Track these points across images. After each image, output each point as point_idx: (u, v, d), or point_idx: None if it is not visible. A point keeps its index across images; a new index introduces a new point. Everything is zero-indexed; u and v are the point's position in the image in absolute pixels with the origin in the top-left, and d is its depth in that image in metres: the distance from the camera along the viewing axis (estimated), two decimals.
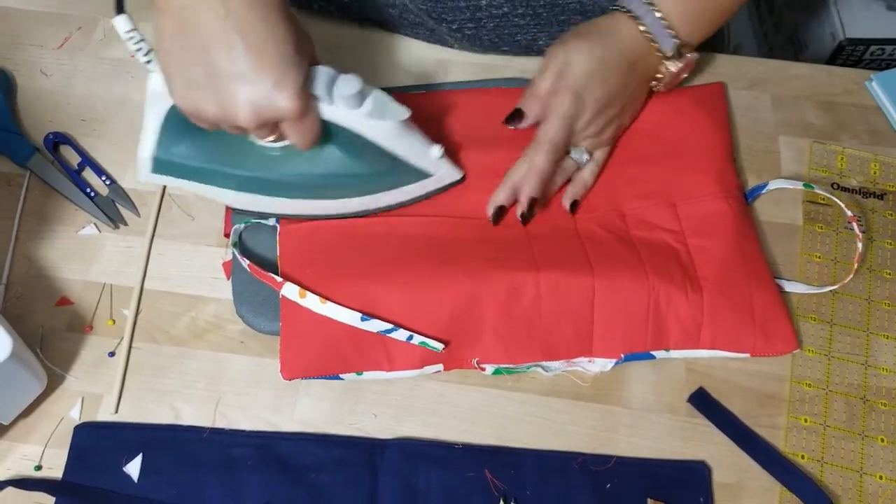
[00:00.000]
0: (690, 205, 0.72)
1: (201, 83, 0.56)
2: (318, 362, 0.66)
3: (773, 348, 0.68)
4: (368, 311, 0.64)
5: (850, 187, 0.76)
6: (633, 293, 0.67)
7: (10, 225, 0.72)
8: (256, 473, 0.64)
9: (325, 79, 0.61)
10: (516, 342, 0.67)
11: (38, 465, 0.64)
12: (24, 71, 0.80)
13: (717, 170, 0.74)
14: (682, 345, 0.68)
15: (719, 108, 0.78)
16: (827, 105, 0.81)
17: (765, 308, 0.68)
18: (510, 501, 0.63)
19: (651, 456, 0.66)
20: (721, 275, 0.69)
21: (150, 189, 0.74)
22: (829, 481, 0.65)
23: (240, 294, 0.68)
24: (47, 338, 0.68)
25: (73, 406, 0.66)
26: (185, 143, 0.66)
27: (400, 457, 0.65)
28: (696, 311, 0.67)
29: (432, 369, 0.67)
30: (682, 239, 0.71)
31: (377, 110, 0.63)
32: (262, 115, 0.57)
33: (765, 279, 0.70)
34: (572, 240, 0.70)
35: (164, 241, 0.72)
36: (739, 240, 0.71)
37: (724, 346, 0.68)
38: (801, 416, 0.67)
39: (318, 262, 0.68)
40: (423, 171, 0.69)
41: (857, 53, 1.27)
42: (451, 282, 0.66)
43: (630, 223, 0.72)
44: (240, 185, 0.68)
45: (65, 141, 0.76)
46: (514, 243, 0.69)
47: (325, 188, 0.68)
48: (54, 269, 0.71)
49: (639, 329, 0.67)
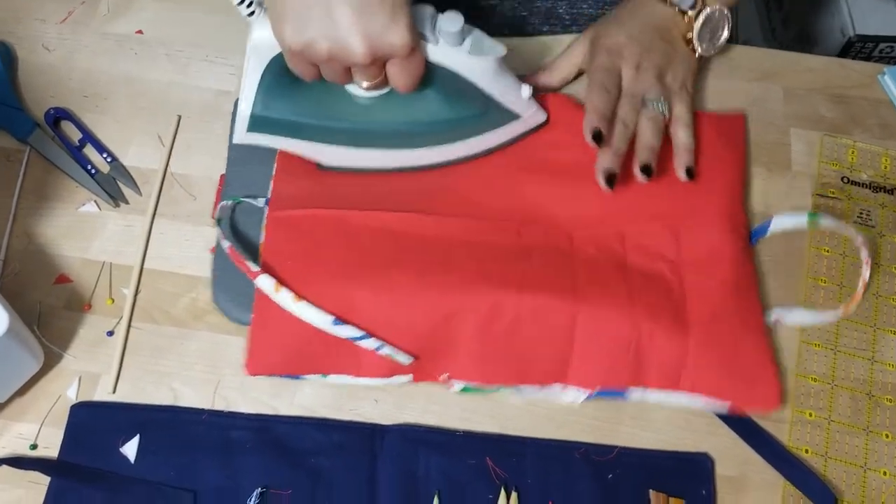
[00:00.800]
0: (694, 234, 0.69)
1: (316, 19, 0.57)
2: (286, 361, 0.64)
3: (755, 403, 0.65)
4: (344, 312, 0.62)
5: (861, 181, 0.76)
6: (616, 326, 0.64)
7: (10, 201, 0.71)
8: (255, 456, 0.63)
9: (428, 16, 0.61)
10: (491, 362, 0.65)
11: (33, 444, 0.63)
12: (25, 45, 0.79)
13: (728, 202, 0.71)
14: (661, 385, 0.65)
15: (739, 141, 0.76)
16: (839, 98, 0.80)
17: (752, 360, 0.65)
18: (511, 490, 0.63)
19: (654, 447, 0.65)
20: (712, 318, 0.66)
21: (152, 167, 0.73)
22: (833, 476, 0.65)
23: (220, 280, 0.67)
24: (45, 315, 0.67)
25: (70, 385, 0.65)
26: (283, 98, 0.66)
27: (400, 442, 0.64)
28: (680, 353, 0.64)
29: (400, 380, 0.65)
30: (678, 271, 0.68)
31: (476, 47, 0.63)
32: (377, 48, 0.58)
33: (757, 329, 0.67)
34: (564, 260, 0.67)
35: (165, 220, 0.71)
36: (737, 282, 0.68)
37: (704, 391, 0.65)
38: (806, 411, 0.67)
39: (300, 254, 0.66)
40: (513, 112, 0.68)
41: (866, 50, 1.26)
42: (433, 293, 0.64)
43: (629, 247, 0.69)
44: (337, 139, 0.68)
45: (66, 116, 0.75)
46: (505, 254, 0.67)
47: (422, 135, 0.68)
48: (53, 247, 0.70)
49: (617, 363, 0.64)
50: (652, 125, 0.70)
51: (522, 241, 0.68)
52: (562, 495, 0.63)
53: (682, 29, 0.75)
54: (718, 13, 0.75)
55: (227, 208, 0.69)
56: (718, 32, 0.76)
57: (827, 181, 0.75)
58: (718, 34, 0.77)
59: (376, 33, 0.57)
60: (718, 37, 0.77)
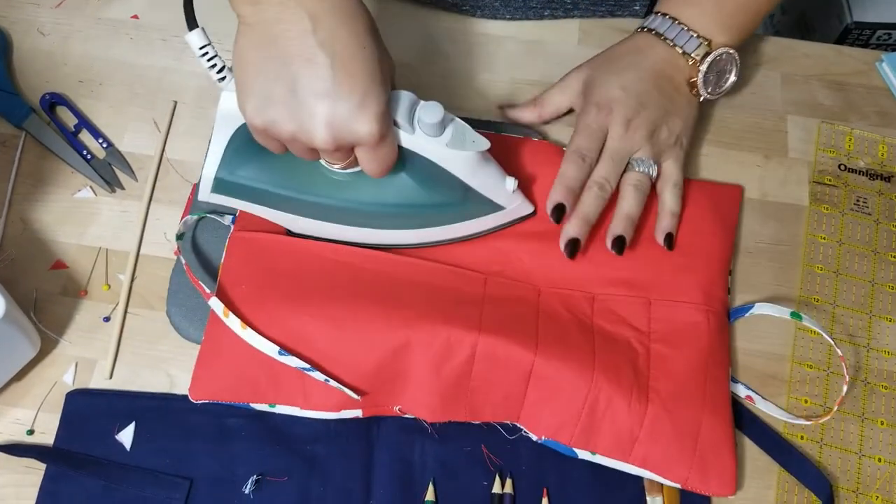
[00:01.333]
0: (667, 307, 0.66)
1: (279, 98, 0.54)
2: (231, 387, 0.62)
3: (708, 487, 0.62)
4: (294, 341, 0.61)
5: (858, 168, 0.75)
6: (572, 383, 0.61)
7: (5, 186, 0.71)
8: (251, 444, 0.63)
9: (406, 104, 0.58)
10: (441, 398, 0.62)
11: (30, 430, 0.63)
12: (20, 29, 0.78)
13: (709, 279, 0.68)
14: (611, 453, 0.62)
15: (731, 213, 0.72)
16: (837, 85, 0.80)
17: (711, 440, 0.62)
18: (506, 476, 0.63)
19: None
20: (674, 391, 0.62)
21: (148, 153, 0.73)
22: (828, 463, 0.65)
23: (174, 294, 0.66)
24: (41, 301, 0.67)
25: (67, 371, 0.65)
26: (250, 165, 0.63)
27: (396, 430, 0.64)
28: (635, 424, 0.61)
29: (350, 414, 0.63)
30: (645, 342, 0.65)
31: (457, 140, 0.60)
32: (341, 138, 0.55)
33: (721, 410, 0.63)
34: (528, 312, 0.65)
35: (161, 206, 0.71)
36: (706, 359, 0.64)
37: (655, 469, 0.62)
38: (802, 397, 0.67)
39: (257, 278, 0.64)
40: (495, 203, 0.65)
41: (863, 37, 1.25)
42: (385, 326, 0.61)
43: (596, 309, 0.66)
44: (304, 211, 0.64)
45: (61, 102, 0.74)
46: (466, 300, 0.64)
47: (393, 217, 0.64)
48: (49, 232, 0.69)
49: (569, 420, 0.62)
50: (634, 192, 0.67)
51: (487, 291, 0.65)
52: (557, 481, 0.63)
53: (686, 74, 0.71)
54: (726, 55, 0.71)
55: (190, 223, 0.68)
56: (726, 76, 0.72)
57: (824, 168, 0.75)
58: (725, 77, 0.72)
59: (341, 120, 0.54)
60: (725, 80, 0.73)
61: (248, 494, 0.61)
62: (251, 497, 0.61)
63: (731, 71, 0.72)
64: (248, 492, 0.61)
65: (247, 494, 0.61)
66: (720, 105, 0.78)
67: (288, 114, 0.54)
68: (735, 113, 0.78)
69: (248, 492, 0.61)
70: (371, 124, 0.54)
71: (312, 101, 0.53)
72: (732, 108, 0.78)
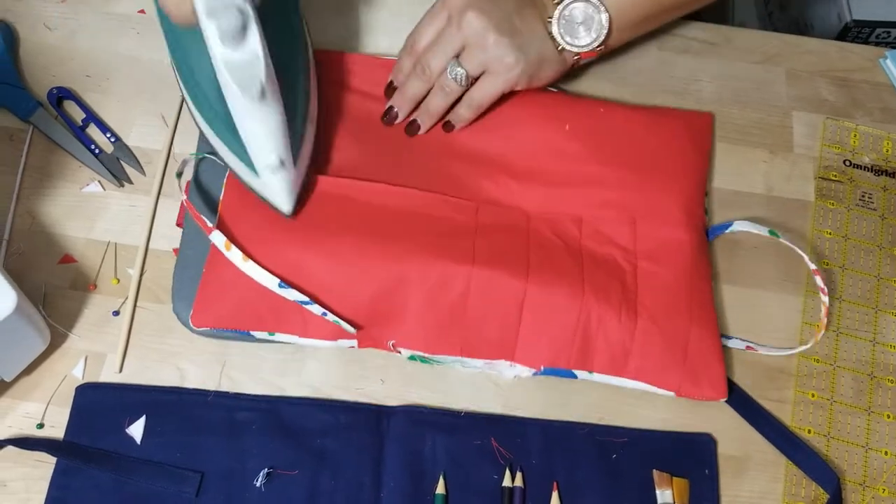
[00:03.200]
0: (651, 226, 0.69)
1: None
2: (233, 315, 0.64)
3: (700, 392, 0.65)
4: (291, 275, 0.63)
5: (863, 164, 0.76)
6: (564, 306, 0.64)
7: (13, 180, 0.70)
8: (261, 438, 0.63)
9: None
10: (437, 332, 0.64)
11: (40, 424, 0.63)
12: (26, 24, 0.78)
13: (687, 198, 0.71)
14: (607, 370, 0.65)
15: (705, 138, 0.75)
16: (841, 82, 0.80)
17: (700, 349, 0.65)
18: (516, 470, 0.63)
19: (657, 428, 0.66)
20: (662, 305, 0.66)
21: (156, 147, 0.73)
22: (835, 456, 0.65)
23: (179, 289, 0.66)
24: (50, 295, 0.67)
25: (77, 365, 0.65)
26: None
27: (406, 423, 0.64)
28: (626, 338, 0.64)
29: (346, 344, 0.65)
30: (632, 259, 0.68)
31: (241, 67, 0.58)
32: None
33: (707, 320, 0.66)
34: (518, 240, 0.67)
35: (170, 200, 0.71)
36: (690, 274, 0.68)
37: (648, 379, 0.65)
38: (809, 391, 0.67)
39: (255, 214, 0.65)
40: (252, 163, 0.63)
41: (862, 35, 1.26)
42: (381, 260, 0.64)
43: (585, 232, 0.69)
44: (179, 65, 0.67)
45: (69, 96, 0.74)
46: (458, 230, 0.67)
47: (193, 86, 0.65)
48: (57, 227, 0.69)
49: (564, 344, 0.65)
50: (439, 93, 0.70)
51: (479, 219, 0.68)
52: (566, 475, 0.63)
53: (545, 12, 0.70)
54: (583, 5, 0.69)
55: (189, 163, 0.69)
56: (576, 26, 0.70)
57: (829, 164, 0.76)
58: (576, 28, 0.70)
59: None
60: (577, 32, 0.70)
61: (259, 487, 0.61)
62: (262, 490, 0.61)
63: (586, 25, 0.69)
64: (259, 485, 0.61)
65: (258, 487, 0.61)
66: (725, 100, 0.78)
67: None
68: (740, 109, 0.78)
69: (259, 485, 0.61)
70: None
71: None
72: (738, 104, 0.78)
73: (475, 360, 0.65)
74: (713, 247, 0.72)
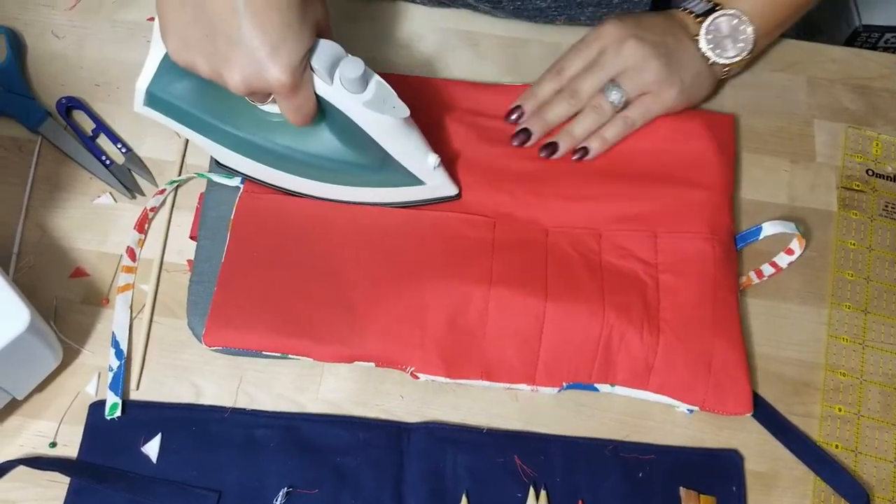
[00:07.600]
0: (673, 239, 0.67)
1: (197, 41, 0.54)
2: (245, 336, 0.62)
3: (725, 407, 0.63)
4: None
5: (885, 174, 0.75)
6: (585, 325, 0.63)
7: (22, 192, 0.69)
8: (280, 455, 0.62)
9: (328, 55, 0.57)
10: (456, 355, 0.63)
11: (52, 442, 0.61)
12: (34, 32, 0.76)
13: (712, 208, 0.69)
14: (630, 384, 0.64)
15: (728, 141, 0.73)
16: (861, 89, 0.79)
17: (724, 363, 0.64)
18: (540, 489, 0.62)
19: (683, 444, 0.64)
20: (685, 320, 0.64)
21: (168, 159, 0.71)
22: (864, 472, 0.64)
23: (194, 304, 0.64)
24: (61, 310, 0.65)
25: (90, 381, 0.63)
26: (183, 84, 0.61)
27: (427, 441, 0.63)
28: (649, 353, 0.63)
29: (363, 366, 0.64)
30: (653, 273, 0.66)
31: (376, 102, 0.58)
32: (252, 85, 0.55)
33: (732, 334, 0.65)
34: (537, 256, 0.66)
35: (183, 212, 0.69)
36: (714, 286, 0.66)
37: (672, 393, 0.64)
38: (836, 406, 0.66)
39: (268, 236, 0.65)
40: (415, 176, 0.64)
41: (871, 40, 1.25)
42: (400, 285, 0.64)
43: (604, 246, 0.67)
44: (229, 143, 0.64)
45: (78, 106, 0.72)
46: (475, 250, 0.66)
47: (311, 167, 0.64)
48: (68, 239, 0.68)
49: (585, 361, 0.64)
50: (590, 113, 0.70)
51: (496, 236, 0.67)
52: (592, 494, 0.62)
53: (686, 25, 0.72)
54: (728, 17, 0.71)
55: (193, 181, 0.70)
56: (725, 41, 0.72)
57: (851, 173, 0.75)
58: (724, 43, 0.72)
59: (253, 67, 0.54)
60: (725, 46, 0.72)
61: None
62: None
63: (732, 37, 0.71)
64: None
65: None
66: (746, 109, 0.77)
67: (204, 57, 0.55)
68: (761, 117, 0.77)
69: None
70: (281, 75, 0.54)
71: (226, 47, 0.54)
72: (759, 113, 0.77)
73: (496, 384, 0.64)
74: (740, 257, 0.71)
